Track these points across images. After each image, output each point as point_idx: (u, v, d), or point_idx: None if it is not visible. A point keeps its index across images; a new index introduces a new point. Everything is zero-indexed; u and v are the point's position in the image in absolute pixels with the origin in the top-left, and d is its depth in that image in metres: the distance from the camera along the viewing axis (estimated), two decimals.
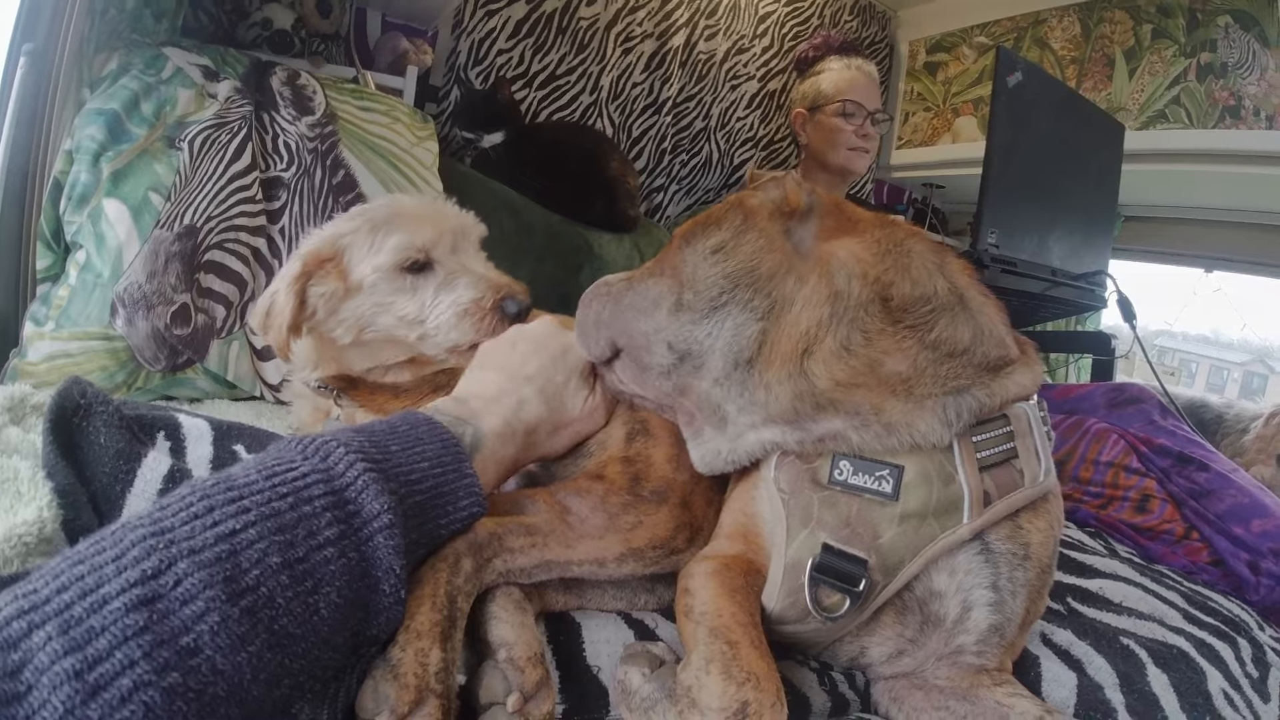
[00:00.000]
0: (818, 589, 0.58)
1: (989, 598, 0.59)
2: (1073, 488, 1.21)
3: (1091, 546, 1.07)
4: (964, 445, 0.59)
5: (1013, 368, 0.63)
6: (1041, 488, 0.60)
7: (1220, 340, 6.41)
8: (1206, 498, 1.12)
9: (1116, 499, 1.18)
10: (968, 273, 0.68)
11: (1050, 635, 0.74)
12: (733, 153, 2.32)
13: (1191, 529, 1.12)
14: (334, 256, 0.94)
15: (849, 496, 0.59)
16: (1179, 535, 1.12)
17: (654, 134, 2.17)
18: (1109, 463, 1.20)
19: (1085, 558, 0.97)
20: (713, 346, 0.63)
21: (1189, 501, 1.13)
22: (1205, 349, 6.54)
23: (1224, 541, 1.08)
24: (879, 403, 0.59)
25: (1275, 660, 0.85)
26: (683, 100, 2.20)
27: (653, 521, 0.64)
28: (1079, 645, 0.72)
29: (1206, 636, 0.81)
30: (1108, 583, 0.89)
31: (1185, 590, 0.95)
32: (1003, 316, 0.67)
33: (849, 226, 0.67)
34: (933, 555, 0.58)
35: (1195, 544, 1.11)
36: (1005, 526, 0.59)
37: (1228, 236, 2.54)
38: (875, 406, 0.59)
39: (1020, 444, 0.61)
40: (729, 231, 0.67)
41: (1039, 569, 0.61)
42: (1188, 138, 2.18)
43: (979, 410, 0.59)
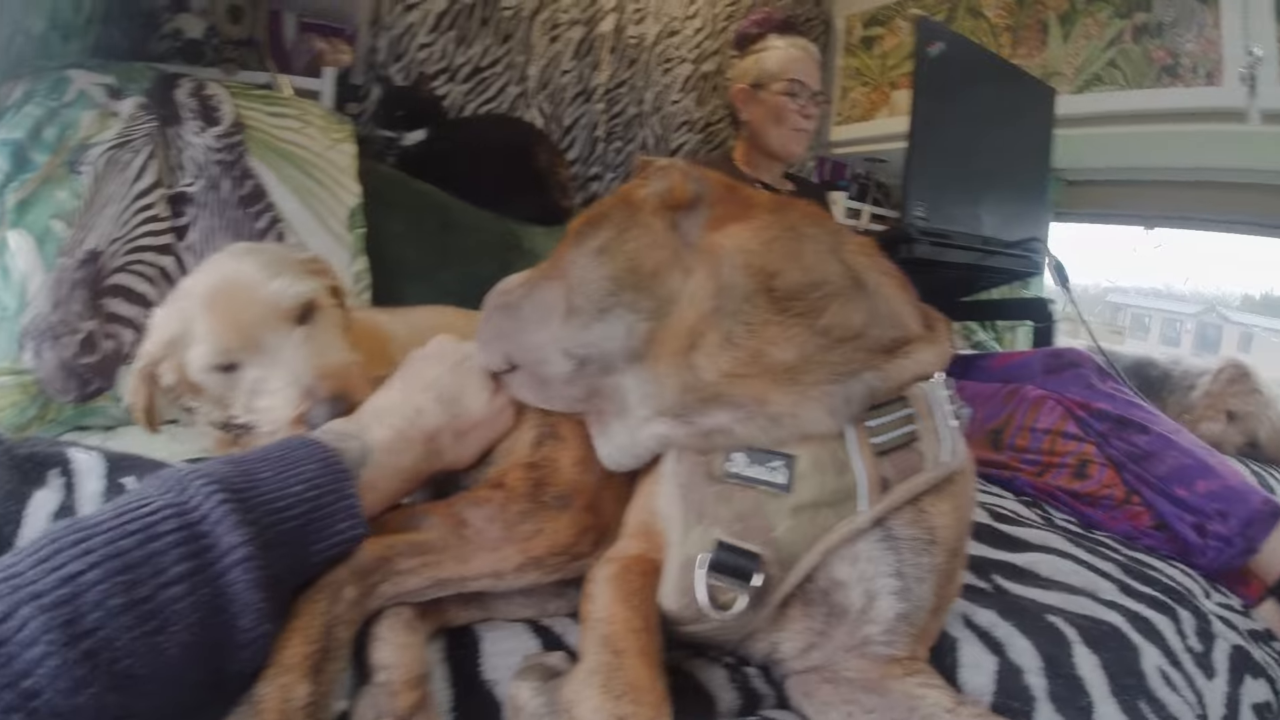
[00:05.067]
0: (713, 586, 0.56)
1: (893, 585, 0.57)
2: (1010, 456, 1.20)
3: (1026, 518, 1.05)
4: (859, 431, 0.58)
5: (914, 347, 0.61)
6: (945, 469, 0.59)
7: (1173, 294, 6.53)
8: (1147, 460, 1.11)
9: (1054, 466, 1.17)
10: (867, 253, 0.66)
11: (972, 616, 0.72)
12: (669, 137, 2.29)
13: (1132, 493, 1.11)
14: (167, 355, 0.81)
15: (744, 489, 0.58)
16: (1119, 500, 1.11)
17: (586, 123, 2.14)
18: (1046, 429, 1.18)
19: (1017, 530, 0.95)
20: (609, 348, 0.62)
21: (1129, 465, 1.12)
22: (1158, 303, 6.64)
23: (1167, 504, 1.07)
24: (763, 394, 0.57)
25: (1222, 631, 0.83)
26: (614, 87, 2.17)
27: (554, 528, 0.62)
28: (1002, 626, 0.70)
29: (1143, 609, 0.79)
30: (1038, 556, 0.87)
31: (1123, 559, 0.93)
32: (906, 295, 0.66)
33: (741, 213, 0.65)
34: (831, 546, 0.57)
35: (1137, 508, 1.10)
36: (908, 512, 0.58)
37: (1169, 195, 2.56)
38: (759, 398, 0.57)
39: (921, 425, 0.59)
40: (612, 229, 0.65)
41: (947, 553, 0.59)
42: (1126, 99, 2.18)
43: (872, 395, 0.58)
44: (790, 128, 1.92)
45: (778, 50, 1.98)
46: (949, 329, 0.69)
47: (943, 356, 0.64)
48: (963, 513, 0.62)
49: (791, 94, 1.91)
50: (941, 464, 0.59)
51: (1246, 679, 0.78)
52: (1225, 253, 5.74)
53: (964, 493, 0.63)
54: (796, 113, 1.91)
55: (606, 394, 0.64)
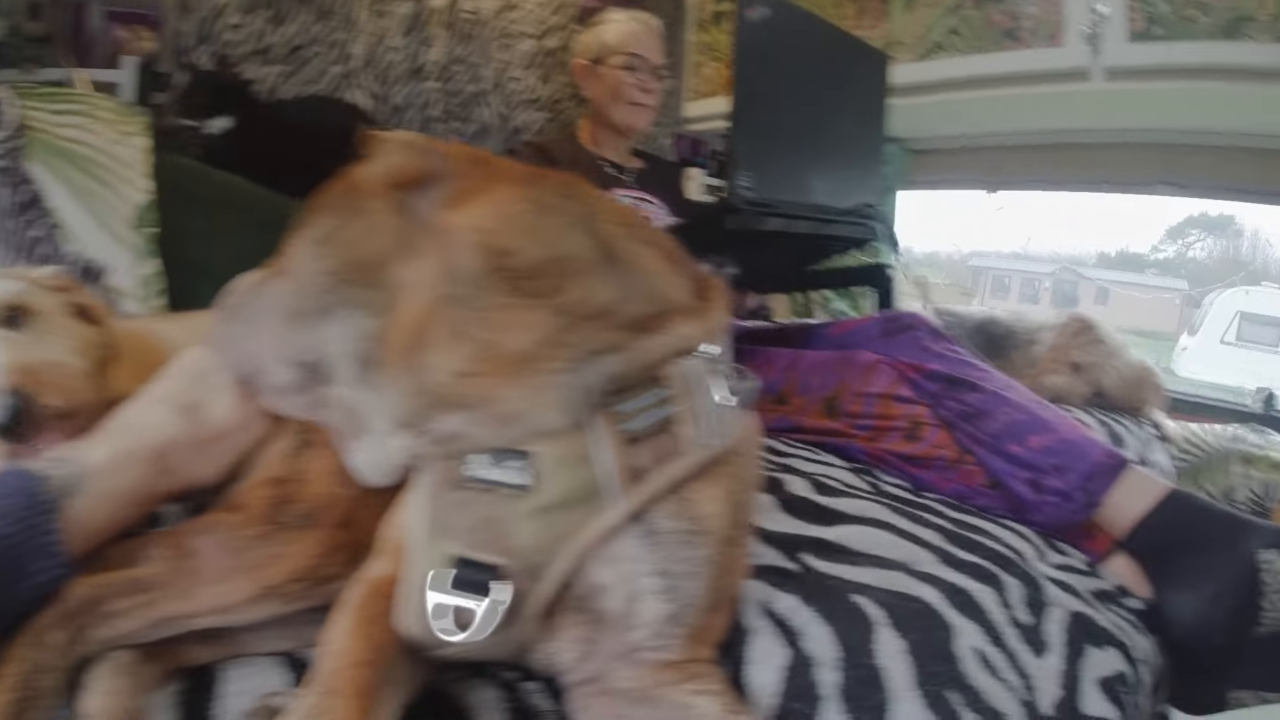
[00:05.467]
0: (455, 606, 0.51)
1: (656, 585, 0.53)
2: (845, 423, 1.18)
3: (851, 487, 1.01)
4: (604, 419, 0.53)
5: (673, 321, 0.57)
6: (708, 452, 0.54)
7: (1030, 255, 6.86)
8: (979, 418, 1.10)
9: (887, 430, 1.15)
10: (627, 223, 0.61)
11: (772, 604, 0.67)
12: (512, 116, 2.20)
13: (965, 453, 1.09)
14: None
15: (485, 494, 0.53)
16: (952, 460, 1.10)
17: (418, 103, 2.03)
18: (879, 394, 1.17)
19: (836, 502, 0.91)
20: (337, 353, 0.57)
21: (961, 424, 1.11)
22: (1017, 264, 6.97)
23: (1000, 462, 1.06)
24: (493, 392, 0.52)
25: (1057, 597, 0.80)
26: (449, 64, 2.06)
27: (295, 551, 0.57)
28: (803, 612, 0.65)
29: (963, 580, 0.75)
30: (854, 529, 0.83)
31: (948, 525, 0.91)
32: (671, 266, 0.61)
33: (484, 187, 0.59)
34: (584, 548, 0.52)
35: (970, 467, 1.09)
36: (670, 502, 0.54)
37: (1017, 158, 2.64)
38: (487, 396, 0.52)
39: (679, 407, 0.55)
40: (333, 217, 0.59)
41: (720, 542, 0.55)
42: (967, 64, 2.21)
43: (617, 378, 0.53)
44: (631, 102, 1.87)
45: (617, 24, 1.93)
46: (724, 300, 0.65)
47: (709, 329, 0.59)
48: (738, 496, 0.58)
49: (631, 68, 1.86)
50: (704, 447, 0.54)
51: (1088, 650, 0.73)
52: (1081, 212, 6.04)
53: (738, 475, 0.58)
54: (636, 87, 1.87)
55: (342, 406, 0.58)
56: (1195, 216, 5.43)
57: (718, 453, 0.56)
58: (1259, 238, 4.91)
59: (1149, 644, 0.85)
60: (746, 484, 0.60)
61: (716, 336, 0.61)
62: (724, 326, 0.64)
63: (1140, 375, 1.70)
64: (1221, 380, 4.63)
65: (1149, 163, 2.43)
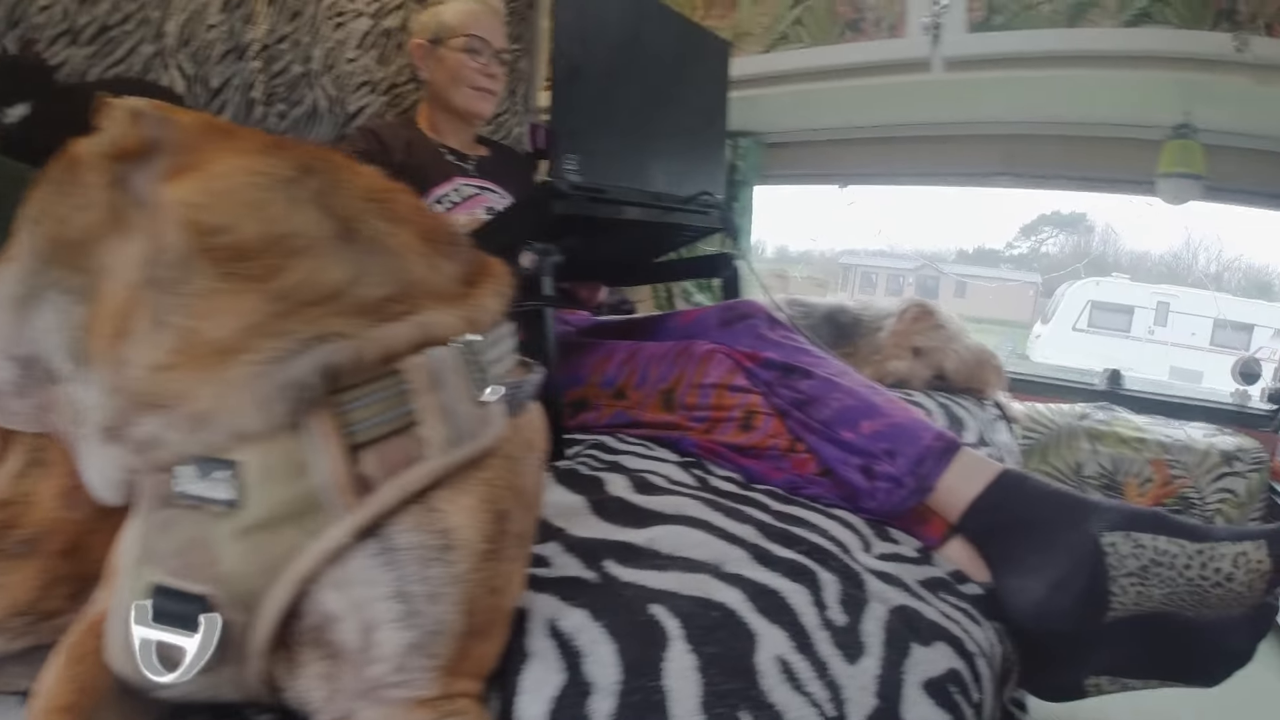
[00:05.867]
0: (155, 641, 0.45)
1: (395, 611, 0.46)
2: (681, 416, 1.13)
3: (674, 484, 0.95)
4: (323, 420, 0.46)
5: (421, 307, 0.50)
6: (459, 455, 0.48)
7: (895, 252, 7.13)
8: (811, 405, 1.06)
9: (722, 420, 1.10)
10: (379, 198, 0.54)
11: (560, 621, 0.59)
12: (345, 100, 2.06)
13: (797, 441, 1.06)
14: None
15: (192, 512, 0.46)
16: (784, 450, 1.06)
17: (239, 84, 1.87)
18: (714, 384, 1.12)
19: (652, 501, 0.84)
20: (49, 345, 0.50)
21: (793, 412, 1.07)
22: (883, 260, 7.24)
23: (831, 449, 1.02)
24: (188, 388, 0.45)
25: (879, 591, 0.74)
26: (274, 42, 1.91)
27: (14, 582, 0.52)
28: (590, 629, 0.58)
29: (774, 580, 0.69)
30: (665, 529, 0.76)
31: (769, 519, 0.85)
32: (430, 246, 0.54)
33: (210, 159, 0.50)
34: (305, 573, 0.45)
35: (802, 456, 1.05)
36: (413, 513, 0.48)
37: (866, 151, 2.69)
38: (182, 394, 0.45)
39: (423, 403, 0.48)
40: (47, 193, 0.52)
41: (475, 558, 0.49)
42: (812, 55, 2.23)
43: (340, 369, 0.46)
44: (473, 87, 1.78)
45: (457, 4, 1.83)
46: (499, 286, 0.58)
47: (473, 317, 0.53)
48: (499, 505, 0.51)
49: (471, 50, 1.77)
50: (453, 449, 0.47)
51: (913, 649, 0.67)
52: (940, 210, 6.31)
53: (500, 480, 0.51)
54: (478, 71, 1.77)
55: (61, 408, 0.51)
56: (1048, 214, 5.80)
57: (470, 456, 0.49)
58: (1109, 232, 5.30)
59: (988, 633, 0.81)
60: (513, 490, 0.53)
61: (482, 325, 0.54)
62: (494, 315, 0.57)
63: (980, 358, 1.73)
64: (1073, 364, 4.92)
65: (991, 154, 2.51)
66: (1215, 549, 0.80)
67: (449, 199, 1.70)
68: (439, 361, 0.49)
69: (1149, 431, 2.24)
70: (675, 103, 1.41)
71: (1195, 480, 2.17)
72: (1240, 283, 4.74)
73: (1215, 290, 4.83)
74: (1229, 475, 2.15)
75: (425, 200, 1.68)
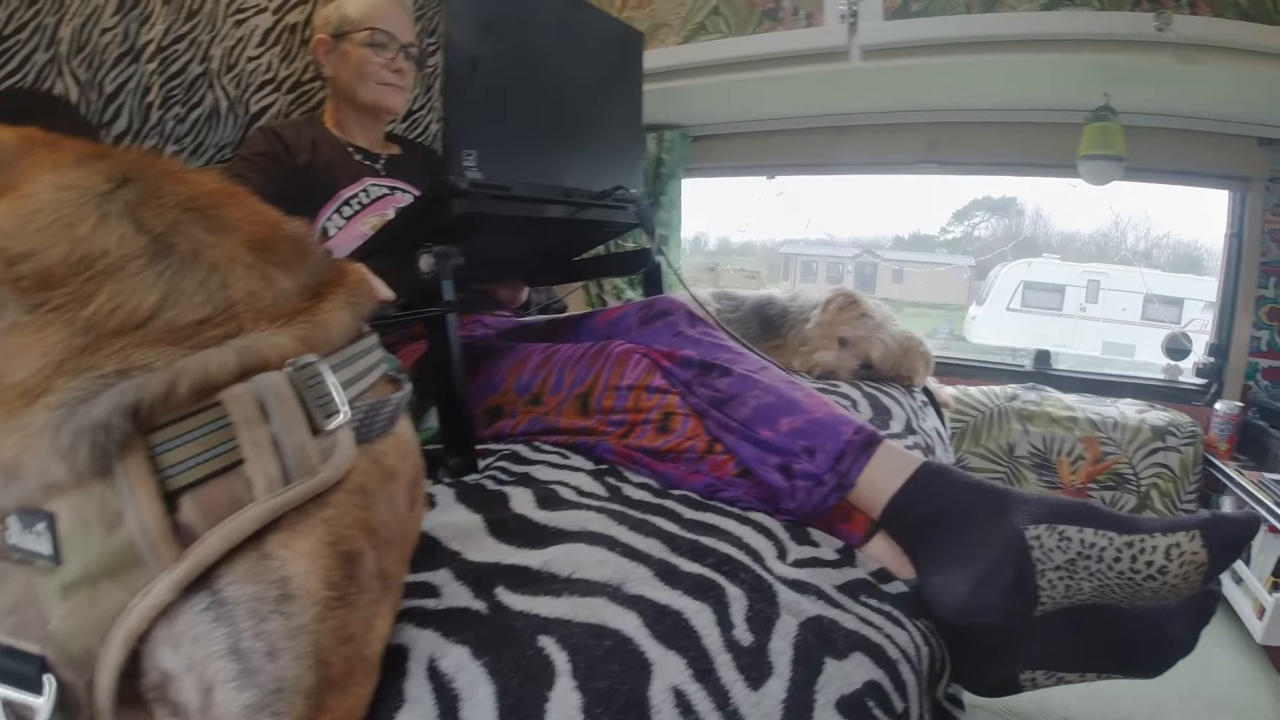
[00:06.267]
0: (6, 700, 0.42)
1: (230, 670, 0.42)
2: (598, 420, 1.08)
3: (584, 496, 0.89)
4: (136, 464, 0.42)
5: (248, 326, 0.44)
6: (291, 495, 0.43)
7: (835, 241, 7.19)
8: (729, 404, 1.02)
9: (639, 424, 1.05)
10: (202, 205, 0.48)
11: (440, 660, 0.54)
12: (248, 99, 1.96)
13: (715, 442, 1.03)
14: None
15: (21, 567, 0.42)
16: (701, 452, 1.01)
17: (134, 88, 1.77)
18: (631, 385, 1.07)
19: (555, 517, 0.79)
20: None
21: (711, 411, 1.03)
22: (823, 250, 7.29)
23: (750, 449, 0.98)
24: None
25: (793, 602, 0.70)
26: (171, 43, 1.81)
27: None
28: (471, 669, 0.53)
29: (676, 599, 0.64)
30: (565, 549, 0.71)
31: (678, 530, 0.80)
32: (261, 256, 0.49)
33: (28, 175, 0.46)
34: (134, 631, 0.42)
35: (720, 457, 1.00)
36: (245, 562, 0.43)
37: (791, 142, 2.67)
38: None
39: (247, 438, 0.43)
40: None
41: (320, 606, 0.44)
42: (730, 46, 2.20)
43: (146, 407, 0.42)
44: (379, 82, 1.70)
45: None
46: (350, 297, 0.53)
47: (310, 335, 0.47)
48: (348, 545, 0.46)
49: (376, 45, 1.70)
50: (285, 488, 0.43)
51: (827, 665, 0.63)
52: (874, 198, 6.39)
53: (348, 518, 0.46)
54: (383, 66, 1.69)
55: None
56: (979, 199, 5.93)
57: (307, 494, 0.44)
58: (1039, 215, 5.42)
59: (913, 635, 0.78)
60: (365, 528, 0.48)
61: (324, 342, 0.49)
62: (342, 329, 0.51)
63: (906, 345, 1.71)
64: (1007, 343, 5.00)
65: (915, 142, 2.51)
66: (1146, 541, 0.77)
67: (358, 200, 1.63)
68: (266, 389, 0.44)
69: (1080, 410, 2.26)
70: (586, 95, 1.36)
71: (1128, 456, 2.19)
72: (1169, 259, 4.87)
73: (1145, 267, 4.95)
74: (1162, 450, 2.18)
75: (333, 202, 1.61)
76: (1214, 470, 2.12)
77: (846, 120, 2.54)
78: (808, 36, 2.10)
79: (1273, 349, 2.26)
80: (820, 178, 2.89)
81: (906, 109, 2.45)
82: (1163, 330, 2.55)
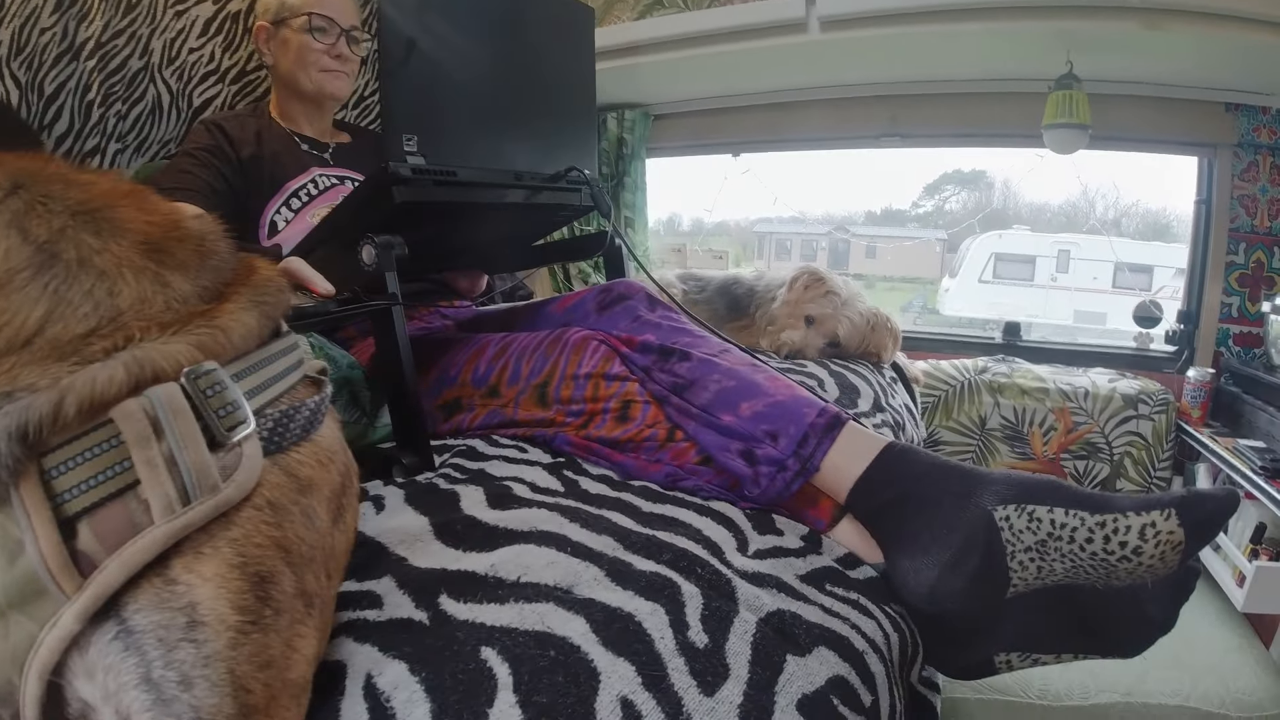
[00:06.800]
0: None
1: (144, 700, 0.40)
2: (556, 411, 1.04)
3: (538, 492, 0.86)
4: (31, 491, 0.39)
5: (135, 337, 0.43)
6: (190, 517, 0.41)
7: (808, 218, 7.18)
8: (689, 389, 0.99)
9: (598, 414, 1.01)
10: (91, 208, 0.46)
11: (377, 676, 0.51)
12: (190, 92, 1.90)
13: (676, 429, 1.00)
14: None
15: None
16: (662, 440, 0.98)
17: (75, 86, 1.70)
18: (588, 374, 1.03)
19: (505, 517, 0.75)
20: None
21: (671, 398, 0.99)
22: (796, 228, 7.27)
23: (711, 435, 0.95)
24: None
25: (752, 597, 0.66)
26: (110, 38, 1.74)
27: None
28: (408, 685, 0.50)
29: (629, 601, 0.61)
30: (512, 551, 0.68)
31: (632, 526, 0.77)
32: (148, 258, 0.45)
33: None
34: (47, 664, 0.40)
35: (681, 445, 0.97)
36: (150, 589, 0.41)
37: (752, 119, 2.63)
38: None
39: (140, 457, 0.40)
40: None
41: (232, 631, 0.42)
42: (685, 20, 2.15)
43: (31, 429, 0.39)
44: (321, 69, 1.64)
45: None
46: (257, 298, 0.49)
47: (209, 342, 0.44)
48: (261, 565, 0.43)
49: (317, 29, 1.64)
50: (184, 510, 0.41)
51: (788, 663, 0.60)
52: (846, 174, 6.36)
53: (260, 535, 0.44)
54: (325, 52, 1.63)
55: None
56: (949, 173, 5.89)
57: (208, 515, 0.41)
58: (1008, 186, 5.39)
59: (881, 622, 0.75)
60: (278, 545, 0.45)
61: (226, 348, 0.45)
62: (246, 332, 0.47)
63: (873, 321, 1.69)
64: (980, 315, 5.02)
65: (878, 115, 2.48)
66: (1119, 521, 0.74)
67: (306, 191, 1.58)
68: (159, 403, 0.41)
69: (1050, 380, 2.25)
70: (535, 75, 1.31)
71: (1100, 426, 2.19)
72: (1138, 226, 4.88)
73: (1115, 235, 4.98)
74: (1134, 418, 2.17)
75: (280, 194, 1.56)
76: (1187, 437, 2.12)
77: (808, 95, 2.50)
78: (764, 9, 2.05)
79: (1244, 315, 2.26)
80: (788, 155, 2.85)
81: (868, 82, 2.42)
82: (1134, 298, 2.54)
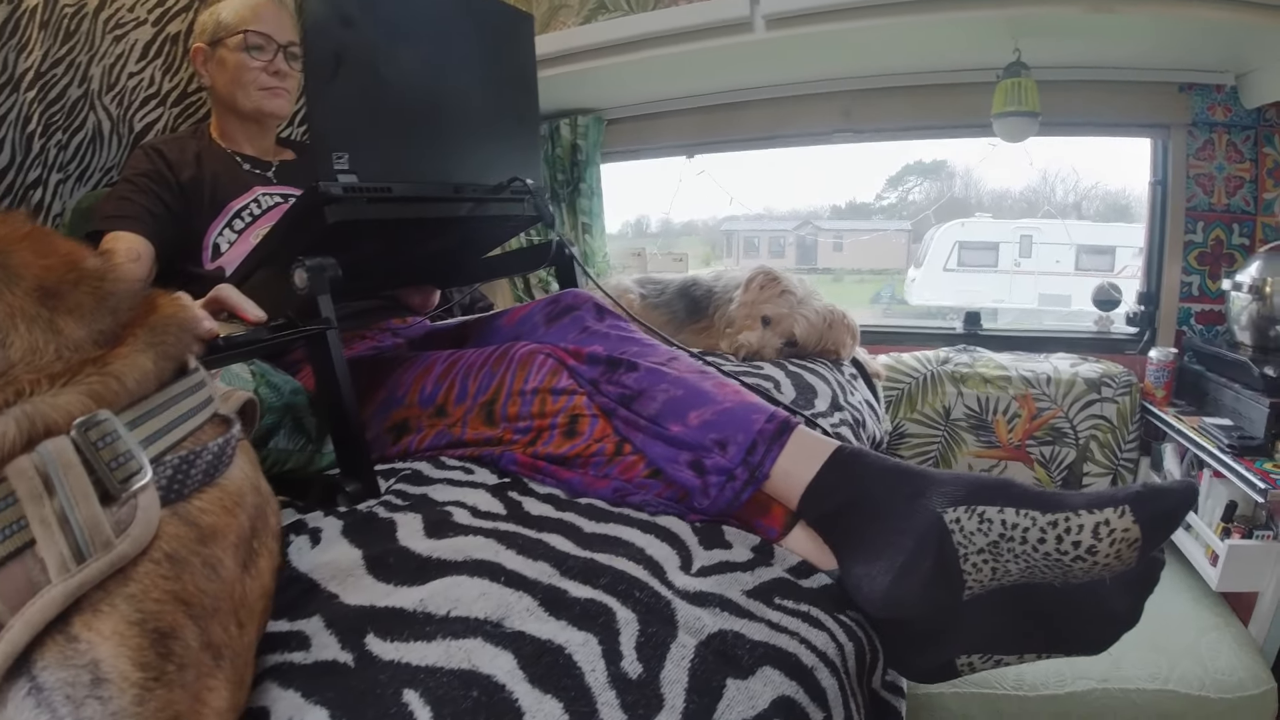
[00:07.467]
0: None
1: None
2: (504, 429, 1.02)
3: (479, 517, 0.83)
4: None
5: (28, 390, 0.41)
6: (84, 575, 0.40)
7: (775, 215, 7.18)
8: (637, 400, 0.97)
9: (545, 430, 0.99)
10: None
11: None
12: (131, 117, 1.85)
13: (624, 441, 0.98)
14: None
15: None
16: (610, 454, 0.96)
17: (15, 119, 1.65)
18: (535, 390, 1.01)
19: (440, 546, 0.73)
20: None
21: (619, 410, 0.97)
22: (763, 224, 7.27)
23: (659, 447, 0.93)
24: None
25: (689, 620, 0.64)
26: (49, 67, 1.69)
27: None
28: None
29: (560, 632, 0.59)
30: (444, 584, 0.65)
31: (571, 550, 0.75)
32: (42, 305, 0.44)
33: None
34: None
35: (630, 458, 0.95)
36: (55, 647, 0.40)
37: (705, 120, 2.62)
38: None
39: (34, 515, 0.40)
40: None
41: (136, 688, 0.40)
42: (631, 24, 2.14)
43: None
44: (257, 88, 1.61)
45: (235, 0, 1.66)
46: (152, 336, 0.47)
47: (101, 390, 0.42)
48: (161, 621, 0.42)
49: (253, 48, 1.60)
50: (78, 568, 0.40)
51: (728, 689, 0.58)
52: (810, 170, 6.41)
53: (159, 589, 0.42)
54: (262, 70, 1.60)
55: None
56: (911, 164, 5.95)
57: (103, 572, 0.39)
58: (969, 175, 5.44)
59: (835, 632, 0.74)
60: (179, 599, 0.43)
61: (120, 395, 0.43)
62: (142, 376, 0.45)
63: (830, 319, 1.68)
64: (947, 303, 5.07)
65: (830, 111, 2.48)
66: (1071, 520, 0.72)
67: (249, 212, 1.54)
68: (49, 459, 0.39)
69: (1012, 368, 2.26)
70: (473, 84, 1.29)
71: (1064, 410, 2.20)
72: (1099, 209, 4.95)
73: (1076, 218, 5.04)
74: (1098, 401, 2.18)
75: (223, 216, 1.52)
76: (1153, 418, 2.13)
77: (759, 93, 2.49)
78: (708, 9, 2.05)
79: (1204, 293, 2.27)
80: (751, 154, 2.84)
81: (819, 78, 2.42)
82: (1097, 279, 2.56)
